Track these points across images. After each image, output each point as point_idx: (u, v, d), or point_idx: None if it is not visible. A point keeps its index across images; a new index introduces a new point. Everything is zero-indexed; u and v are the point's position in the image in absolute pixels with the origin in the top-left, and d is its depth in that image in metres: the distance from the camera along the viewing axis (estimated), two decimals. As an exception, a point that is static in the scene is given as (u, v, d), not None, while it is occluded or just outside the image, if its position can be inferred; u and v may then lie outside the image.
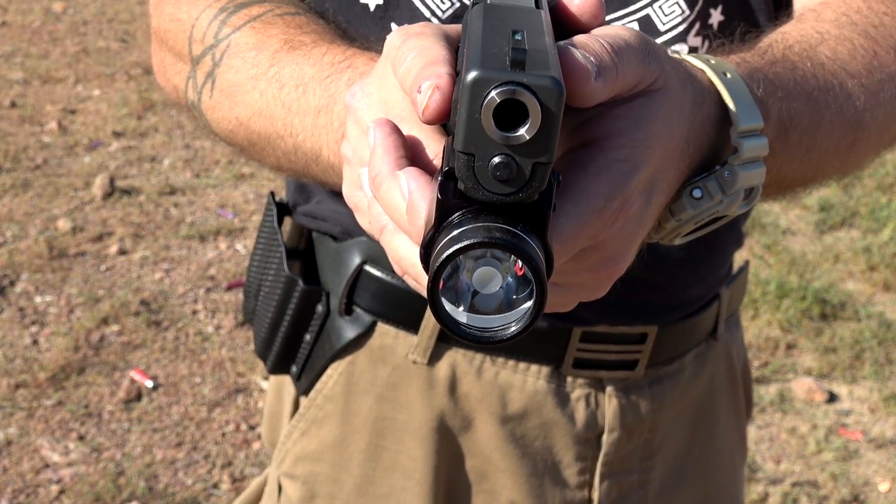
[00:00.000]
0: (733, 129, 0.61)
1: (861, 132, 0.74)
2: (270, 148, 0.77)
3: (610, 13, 0.82)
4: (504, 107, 0.39)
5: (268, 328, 0.98)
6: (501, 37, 0.41)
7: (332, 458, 0.96)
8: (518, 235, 0.39)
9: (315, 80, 0.71)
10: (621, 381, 0.93)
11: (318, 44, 0.74)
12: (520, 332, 0.41)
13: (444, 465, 0.94)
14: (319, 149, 0.71)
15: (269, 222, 0.99)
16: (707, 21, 0.84)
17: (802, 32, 0.74)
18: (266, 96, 0.74)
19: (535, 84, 0.38)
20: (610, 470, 0.95)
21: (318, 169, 0.73)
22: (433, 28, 0.54)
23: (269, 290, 0.98)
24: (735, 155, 0.61)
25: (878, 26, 0.77)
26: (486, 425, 0.92)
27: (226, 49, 0.78)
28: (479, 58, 0.40)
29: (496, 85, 0.38)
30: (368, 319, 0.93)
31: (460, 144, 0.39)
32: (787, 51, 0.71)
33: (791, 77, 0.68)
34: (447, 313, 0.41)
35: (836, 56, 0.73)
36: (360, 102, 0.57)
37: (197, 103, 0.82)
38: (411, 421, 0.93)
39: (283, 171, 0.80)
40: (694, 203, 0.61)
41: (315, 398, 0.96)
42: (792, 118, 0.68)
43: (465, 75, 0.39)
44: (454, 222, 0.40)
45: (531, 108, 0.38)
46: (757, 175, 0.63)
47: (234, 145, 0.82)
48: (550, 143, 0.39)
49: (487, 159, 0.39)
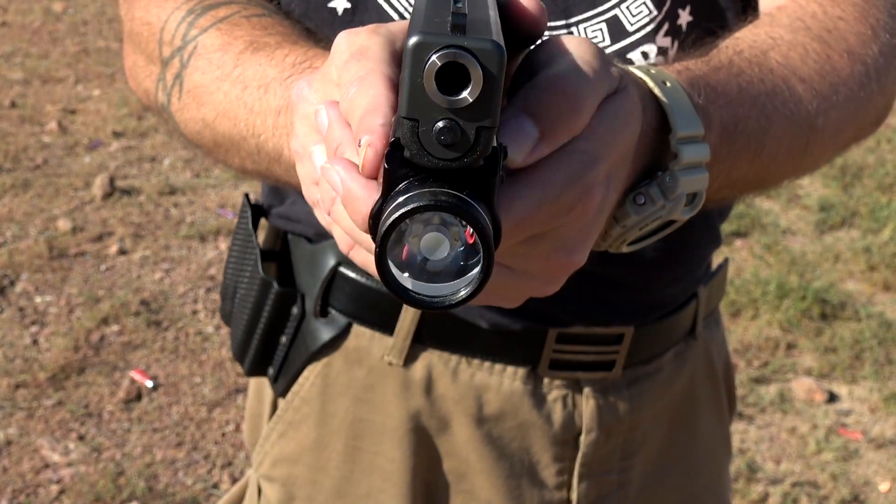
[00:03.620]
0: (672, 136, 0.63)
1: (814, 135, 0.75)
2: (235, 149, 0.78)
3: (578, 14, 0.81)
4: (446, 71, 0.39)
5: (244, 330, 0.98)
6: (443, 7, 0.41)
7: (310, 460, 0.96)
8: (464, 200, 0.40)
9: (276, 81, 0.72)
10: (598, 382, 0.93)
11: (282, 45, 0.75)
12: (469, 297, 0.41)
13: (422, 466, 0.94)
14: (281, 148, 0.72)
15: (245, 224, 0.99)
16: (676, 22, 0.84)
17: (755, 38, 0.75)
18: (230, 97, 0.75)
19: (475, 47, 0.38)
20: (588, 470, 0.95)
21: (281, 169, 0.74)
22: (380, 42, 0.54)
23: (244, 292, 0.98)
24: (675, 161, 0.63)
25: (832, 30, 0.78)
26: (462, 426, 0.92)
27: (193, 51, 0.79)
28: (420, 24, 0.40)
29: (437, 49, 0.39)
30: (344, 321, 0.92)
31: (404, 110, 0.40)
32: (735, 56, 0.72)
33: (736, 83, 0.69)
34: (395, 279, 0.41)
35: (788, 61, 0.74)
36: (307, 98, 0.58)
37: (166, 105, 0.83)
38: (388, 422, 0.93)
39: (249, 173, 0.81)
40: (637, 209, 0.63)
41: (292, 400, 0.96)
42: (737, 123, 0.69)
43: (406, 41, 0.40)
44: (401, 189, 0.41)
45: (472, 72, 0.39)
46: (699, 181, 0.64)
47: (201, 147, 0.83)
48: (493, 106, 0.40)
49: (431, 124, 0.39)
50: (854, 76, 0.77)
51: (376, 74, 0.51)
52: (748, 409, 2.84)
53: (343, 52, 0.55)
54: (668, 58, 0.83)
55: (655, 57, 0.83)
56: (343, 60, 0.54)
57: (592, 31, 0.82)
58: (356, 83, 0.51)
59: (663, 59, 0.83)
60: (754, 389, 2.92)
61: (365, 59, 0.53)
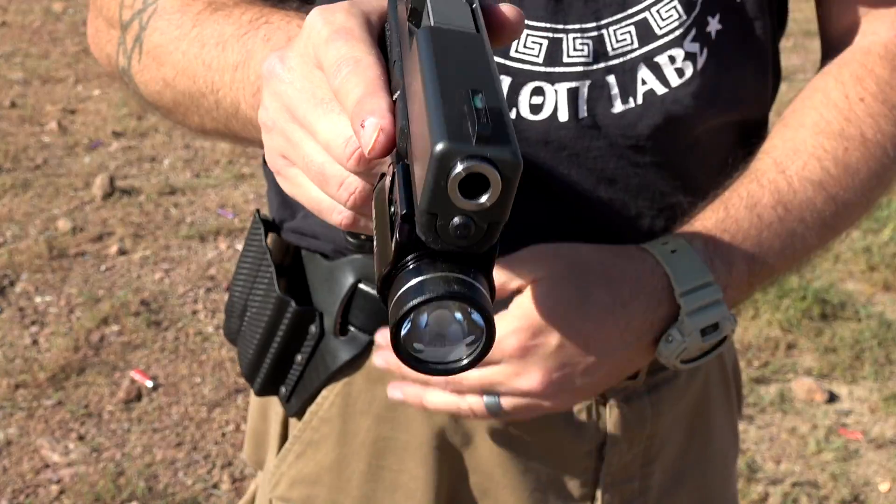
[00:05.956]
0: (675, 292, 0.79)
1: (842, 224, 0.90)
2: (194, 106, 0.80)
3: (609, 16, 0.82)
4: (468, 176, 0.42)
5: (256, 350, 0.96)
6: (460, 96, 0.43)
7: (331, 480, 0.94)
8: (473, 286, 0.43)
9: (233, 38, 0.74)
10: (622, 391, 0.93)
11: (239, 4, 0.78)
12: (470, 364, 0.45)
13: (446, 482, 0.93)
14: (238, 103, 0.74)
15: (257, 241, 0.97)
16: (704, 29, 0.84)
17: (777, 156, 0.87)
18: (188, 56, 0.78)
19: (498, 158, 0.41)
20: (612, 479, 0.94)
21: (238, 124, 0.76)
22: (357, 22, 0.55)
23: (257, 310, 0.96)
24: (681, 309, 0.79)
25: (852, 120, 0.88)
26: (486, 441, 0.91)
27: (153, 13, 0.82)
28: (443, 125, 0.42)
29: (462, 158, 0.41)
30: (365, 339, 0.91)
31: (424, 205, 0.42)
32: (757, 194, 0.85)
33: (757, 223, 0.84)
34: (411, 354, 0.45)
35: (811, 175, 0.86)
36: (279, 75, 0.59)
37: (127, 68, 0.84)
38: (412, 440, 0.92)
39: (208, 132, 0.83)
40: (667, 345, 0.80)
41: (310, 420, 0.94)
42: (763, 253, 0.84)
43: (431, 145, 0.41)
44: (410, 267, 0.44)
45: (492, 179, 0.41)
46: (714, 315, 0.80)
47: (161, 107, 0.84)
48: (507, 207, 0.42)
49: (449, 219, 0.42)
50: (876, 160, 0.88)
51: (371, 56, 0.53)
52: (748, 409, 2.84)
53: (320, 31, 0.55)
54: (696, 63, 0.84)
55: (682, 62, 0.83)
56: (323, 39, 0.55)
57: (622, 33, 0.82)
58: (349, 63, 0.52)
59: (690, 63, 0.83)
60: (754, 389, 2.92)
61: (353, 40, 0.54)
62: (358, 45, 0.53)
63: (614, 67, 0.82)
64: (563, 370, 0.79)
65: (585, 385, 0.80)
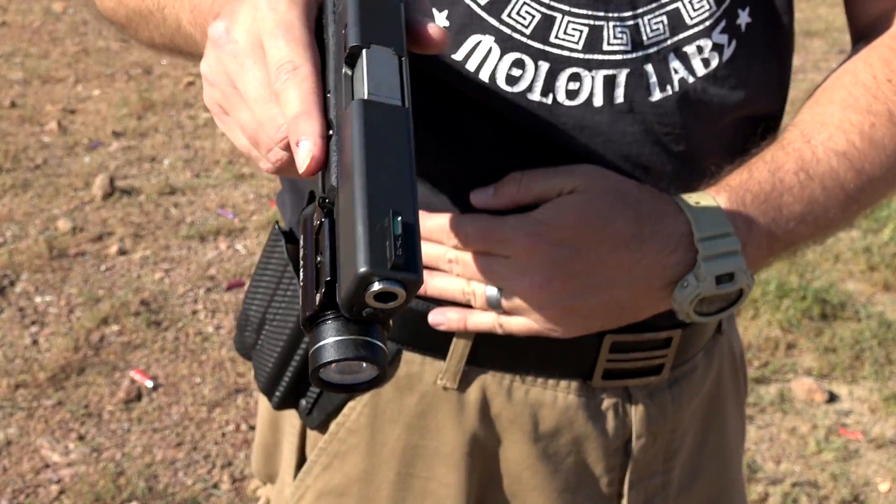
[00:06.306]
0: (694, 238, 0.81)
1: (866, 199, 0.90)
2: (144, 22, 0.87)
3: (644, 5, 0.83)
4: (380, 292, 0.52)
5: (276, 363, 0.95)
6: (382, 218, 0.52)
7: (359, 490, 0.94)
8: (375, 347, 0.54)
9: None
10: (645, 387, 0.94)
11: None
12: (371, 386, 0.56)
13: (475, 488, 0.93)
14: (180, 20, 0.79)
15: (279, 253, 0.96)
16: (735, 21, 0.86)
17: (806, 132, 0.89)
18: None
19: (406, 280, 0.51)
20: (638, 476, 0.95)
21: (181, 39, 0.82)
22: (297, 13, 0.61)
23: (278, 324, 0.95)
24: (699, 254, 0.81)
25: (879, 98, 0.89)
26: (516, 444, 0.92)
27: None
28: (367, 250, 0.51)
29: (380, 280, 0.50)
30: (393, 349, 0.90)
31: (344, 301, 0.52)
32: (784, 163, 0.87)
33: (779, 186, 0.86)
34: (323, 381, 0.55)
35: (839, 148, 0.88)
36: (224, 46, 0.63)
37: None
38: (442, 447, 0.91)
39: (157, 46, 0.90)
40: (681, 290, 0.82)
41: (336, 432, 0.93)
42: (784, 217, 0.85)
43: (355, 264, 0.50)
44: (328, 322, 0.54)
45: (399, 295, 0.51)
46: (730, 264, 0.82)
47: (116, 23, 0.94)
48: (408, 304, 0.52)
49: (362, 309, 0.52)
50: None
51: (308, 64, 0.58)
52: (748, 409, 2.84)
53: (265, 16, 0.60)
54: (722, 54, 0.85)
55: (709, 52, 0.85)
56: (266, 29, 0.60)
57: (655, 22, 0.83)
58: (288, 69, 0.58)
59: (717, 54, 0.85)
60: (754, 389, 2.92)
61: (293, 41, 0.59)
62: (297, 49, 0.59)
63: (650, 56, 0.83)
64: (564, 282, 0.80)
65: (581, 308, 0.81)
